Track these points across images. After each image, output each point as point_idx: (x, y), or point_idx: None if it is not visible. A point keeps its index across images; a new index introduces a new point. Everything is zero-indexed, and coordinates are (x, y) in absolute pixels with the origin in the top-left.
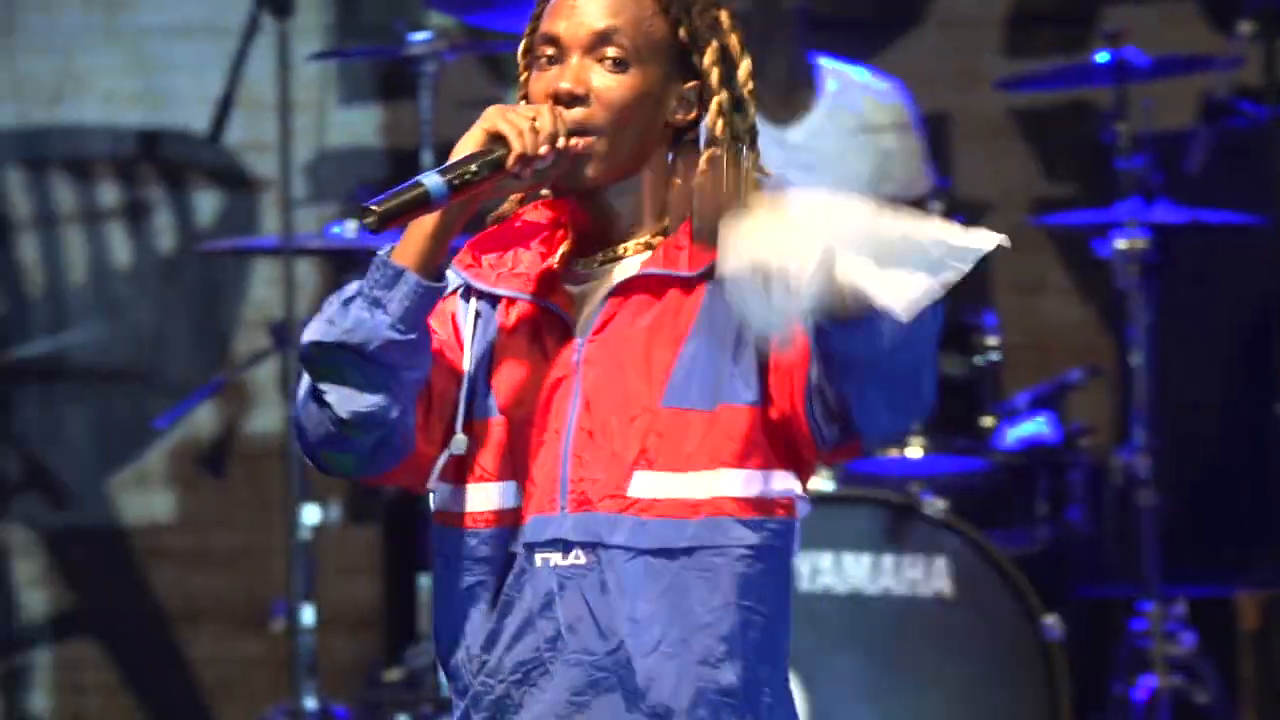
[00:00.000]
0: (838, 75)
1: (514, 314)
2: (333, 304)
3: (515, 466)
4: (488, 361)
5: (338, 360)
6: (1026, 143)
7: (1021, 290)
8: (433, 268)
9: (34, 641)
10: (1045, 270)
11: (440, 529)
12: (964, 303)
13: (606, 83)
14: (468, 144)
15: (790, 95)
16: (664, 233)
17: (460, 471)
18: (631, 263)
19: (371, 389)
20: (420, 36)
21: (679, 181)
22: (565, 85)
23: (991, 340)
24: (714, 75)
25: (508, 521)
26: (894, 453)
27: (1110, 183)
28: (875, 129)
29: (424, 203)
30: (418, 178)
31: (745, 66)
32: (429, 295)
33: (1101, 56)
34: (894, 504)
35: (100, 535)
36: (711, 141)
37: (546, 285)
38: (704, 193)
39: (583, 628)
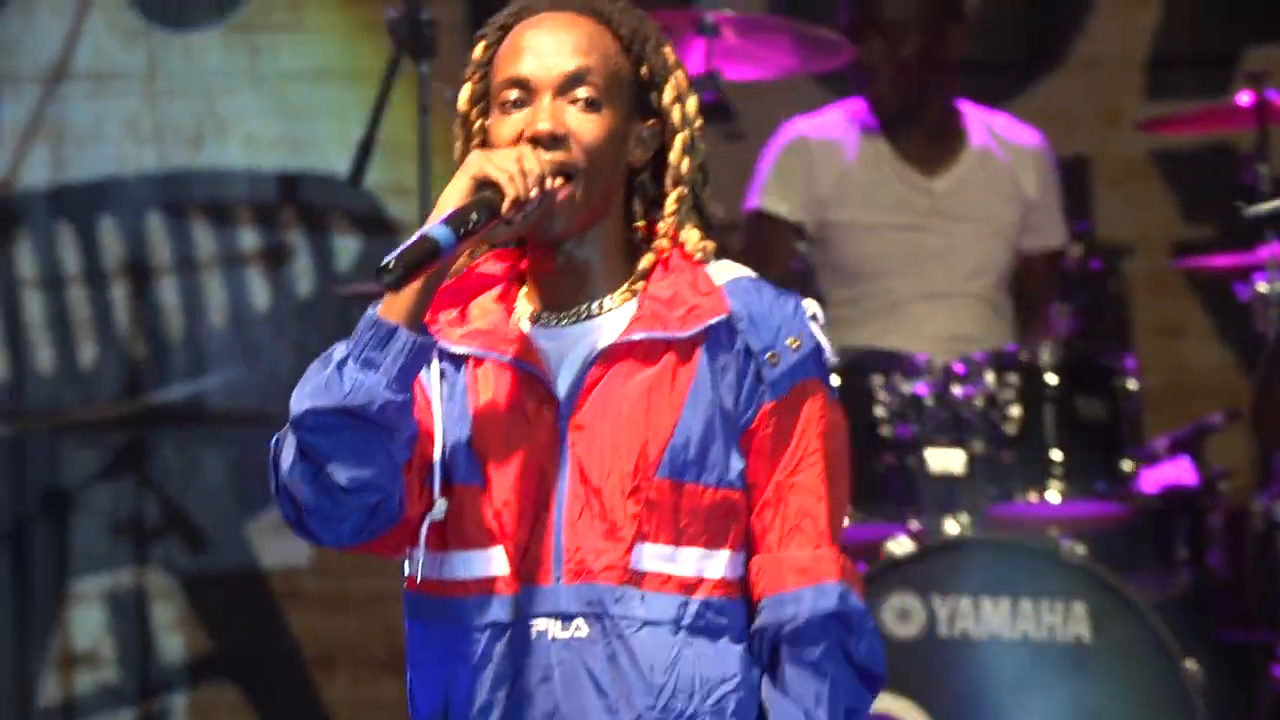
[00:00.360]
0: (982, 123)
1: (485, 374)
2: (321, 369)
3: (503, 533)
4: (465, 424)
5: (336, 426)
6: (1167, 185)
7: (1161, 333)
8: (420, 323)
9: (172, 685)
10: (1185, 313)
11: (419, 596)
12: (1104, 346)
13: (582, 123)
14: (455, 192)
15: (936, 144)
16: (639, 279)
17: (440, 538)
18: (615, 317)
19: (370, 453)
20: None
21: (642, 225)
22: (544, 126)
23: (1131, 384)
24: (675, 113)
25: (495, 589)
26: (1033, 497)
27: (1251, 225)
28: (1019, 179)
29: (436, 254)
30: (424, 231)
31: (694, 103)
32: (422, 352)
33: (1243, 98)
34: (1033, 548)
35: (238, 579)
36: (678, 180)
37: (516, 343)
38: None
39: (588, 701)
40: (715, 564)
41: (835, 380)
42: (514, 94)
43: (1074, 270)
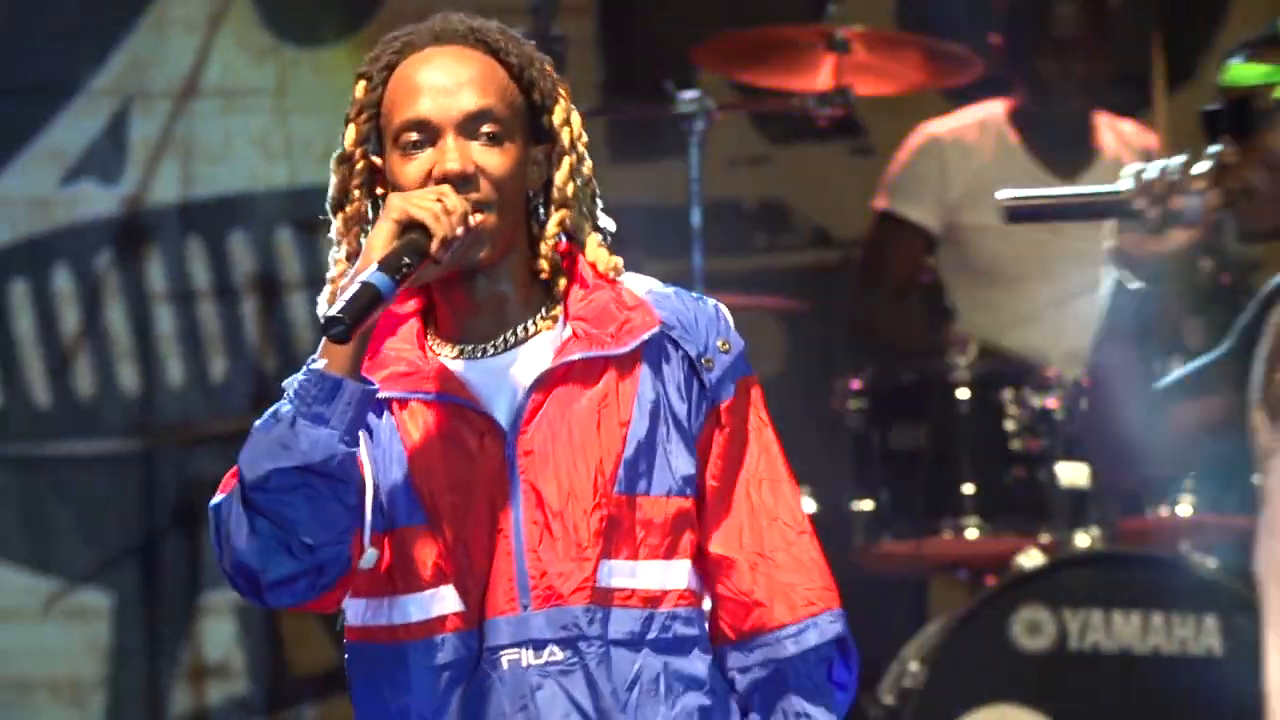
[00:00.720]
0: (1111, 130)
1: (413, 415)
2: (269, 430)
3: (453, 570)
4: (400, 466)
5: (298, 485)
6: None
7: None
8: (359, 372)
9: (302, 697)
10: None
11: (362, 646)
12: None
13: (489, 159)
14: (381, 237)
15: (1071, 150)
16: (555, 303)
17: (388, 583)
18: (540, 342)
19: (330, 508)
20: (689, 94)
21: (547, 248)
22: (454, 166)
23: None
24: (565, 134)
25: (449, 628)
26: (1164, 510)
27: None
28: None
29: (379, 301)
30: (363, 279)
31: (578, 120)
32: (366, 400)
33: None
34: (1164, 561)
35: None
36: (562, 203)
37: (441, 379)
38: None
39: None
40: (676, 575)
41: (964, 394)
42: (414, 135)
43: (1204, 285)
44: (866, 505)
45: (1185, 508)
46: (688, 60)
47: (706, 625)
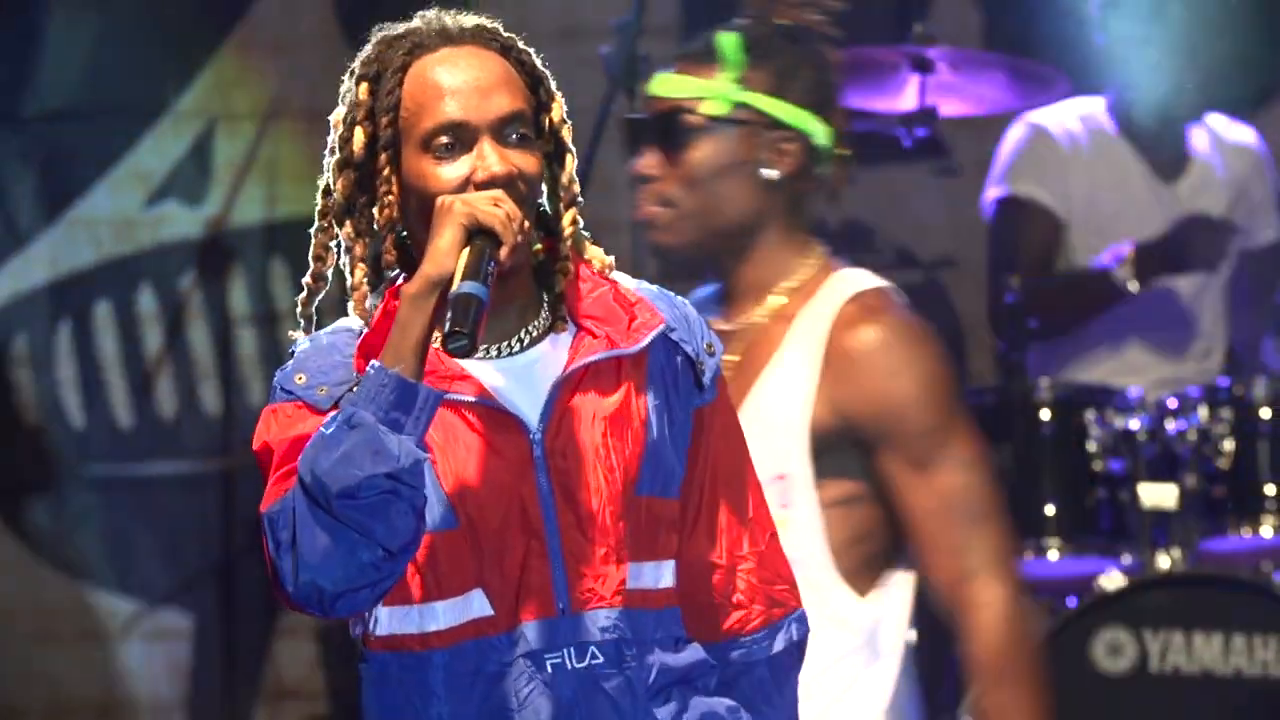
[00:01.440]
0: (1205, 128)
1: (438, 418)
2: (349, 436)
3: (484, 573)
4: (429, 472)
5: (384, 491)
6: None
7: None
8: (423, 376)
9: None
10: None
11: (390, 655)
12: None
13: (523, 161)
14: (448, 243)
15: (1171, 148)
16: (558, 302)
17: (401, 591)
18: (554, 342)
19: (411, 515)
20: None
21: (541, 249)
22: (500, 169)
23: None
24: (565, 132)
25: (482, 632)
26: (1246, 532)
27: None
28: (1241, 176)
29: (482, 310)
30: (463, 291)
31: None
32: (437, 405)
33: None
34: (1246, 583)
35: None
36: (571, 201)
37: (462, 380)
38: None
39: None
40: (670, 574)
41: (1046, 415)
42: (446, 139)
43: None
44: None
45: (1268, 529)
46: None
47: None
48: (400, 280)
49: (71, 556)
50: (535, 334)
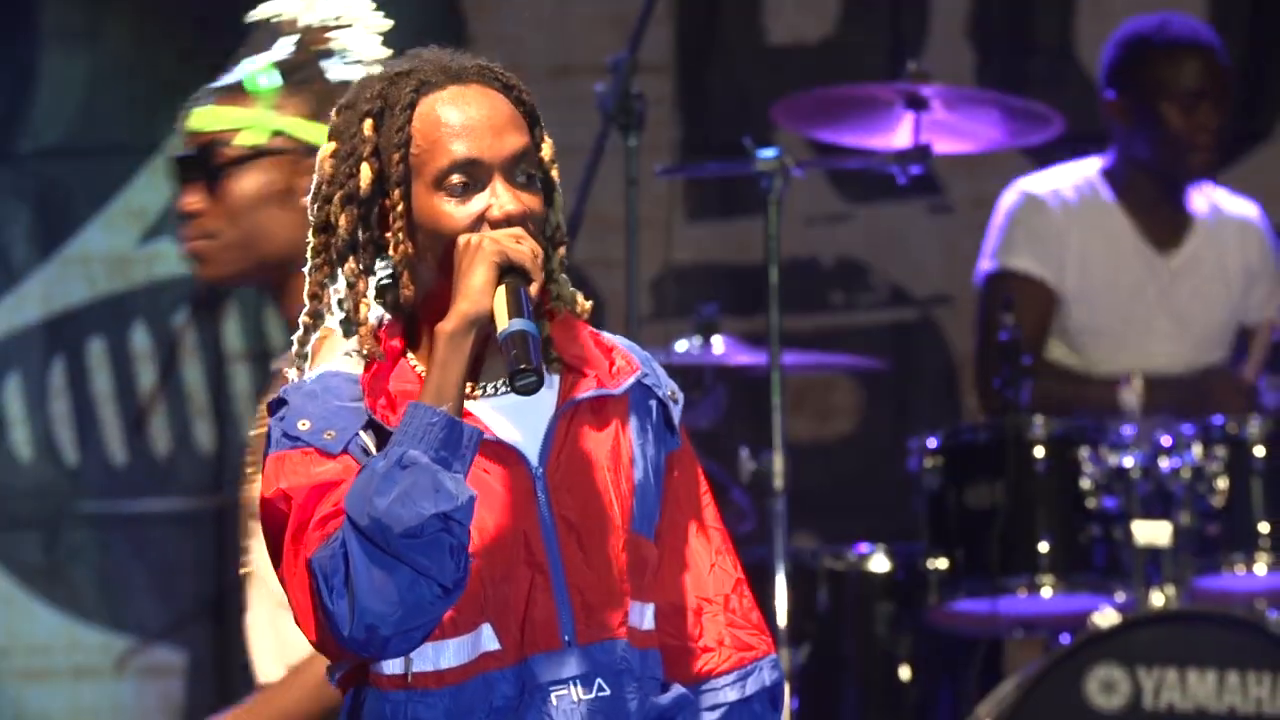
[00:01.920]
0: (1203, 196)
1: None
2: (403, 475)
3: (491, 607)
4: None
5: (441, 529)
6: None
7: None
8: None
9: None
10: None
11: (394, 695)
12: None
13: (531, 200)
14: (482, 281)
15: (1169, 218)
16: (548, 341)
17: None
18: (546, 381)
19: (462, 549)
20: (768, 152)
21: (558, 286)
22: (516, 208)
23: None
24: (554, 171)
25: (492, 666)
26: (1240, 569)
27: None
28: (1242, 251)
29: (539, 344)
30: (517, 329)
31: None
32: (479, 442)
33: None
34: (1240, 620)
35: None
36: (561, 240)
37: (466, 419)
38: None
39: None
40: (651, 616)
41: (1040, 452)
42: (460, 178)
43: None
44: (942, 564)
45: (1261, 567)
46: (766, 118)
47: None
48: (385, 322)
49: (65, 593)
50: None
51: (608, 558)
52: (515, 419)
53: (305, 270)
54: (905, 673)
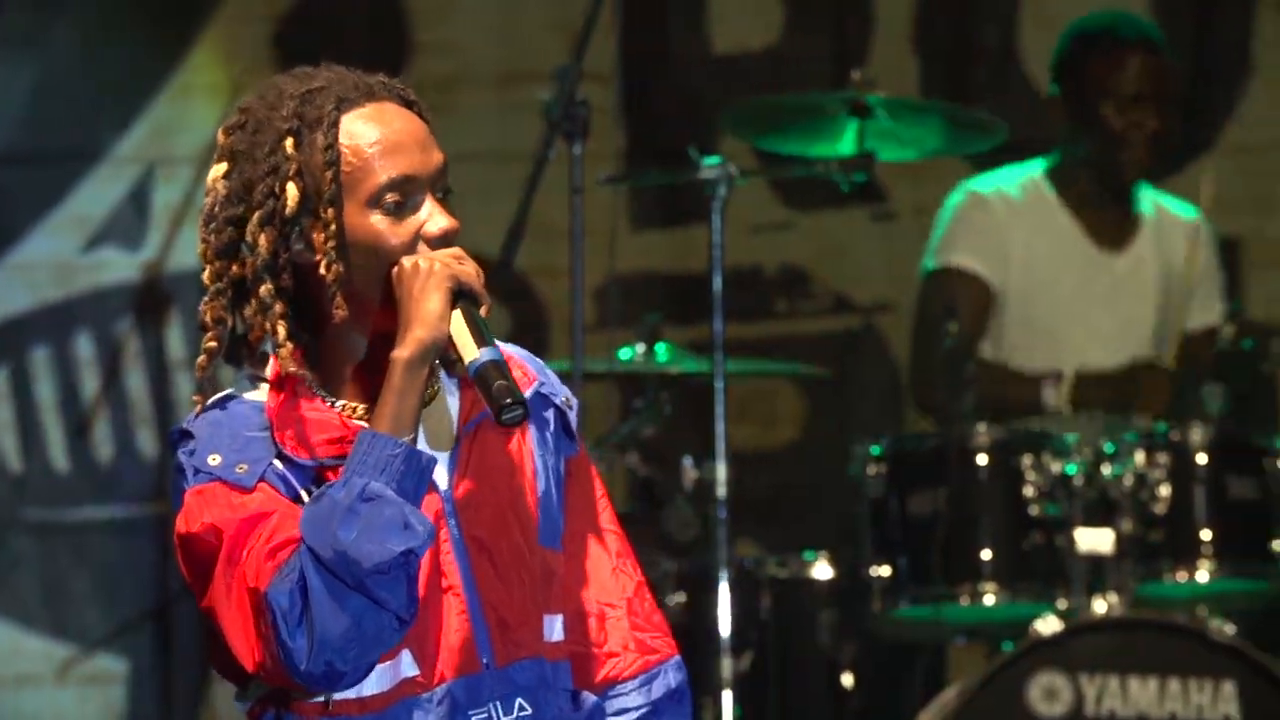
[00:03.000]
0: (1149, 199)
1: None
2: (370, 509)
3: (408, 633)
4: None
5: (403, 564)
6: None
7: None
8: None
9: None
10: None
11: None
12: (1254, 426)
13: (452, 215)
14: (436, 305)
15: (1115, 220)
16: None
17: None
18: (442, 398)
19: (414, 581)
20: (712, 160)
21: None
22: (448, 224)
23: None
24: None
25: (412, 692)
26: (1182, 576)
27: None
28: (1185, 255)
29: (503, 369)
30: (487, 360)
31: None
32: (432, 471)
33: None
34: (1182, 627)
35: None
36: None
37: None
38: None
39: None
40: (559, 628)
41: (983, 459)
42: (397, 195)
43: (1226, 351)
44: (885, 571)
45: (1203, 574)
46: (710, 126)
47: None
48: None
49: (7, 600)
50: (429, 392)
51: (520, 575)
52: (420, 440)
53: (206, 297)
54: (848, 680)
